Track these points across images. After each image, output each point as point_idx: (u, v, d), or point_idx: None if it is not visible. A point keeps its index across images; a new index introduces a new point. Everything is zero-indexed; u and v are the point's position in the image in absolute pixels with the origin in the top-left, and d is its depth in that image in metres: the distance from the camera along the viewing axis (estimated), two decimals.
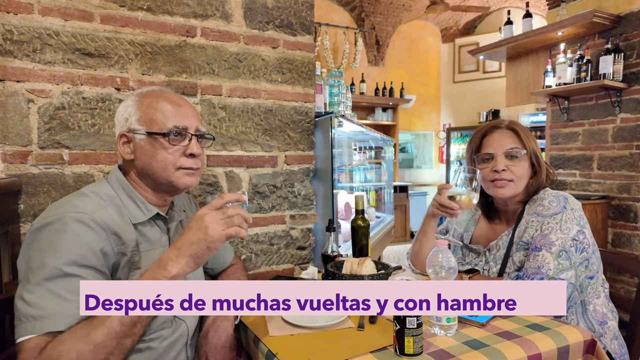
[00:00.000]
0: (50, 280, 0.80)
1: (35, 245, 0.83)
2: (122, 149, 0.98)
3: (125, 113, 0.98)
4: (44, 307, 0.78)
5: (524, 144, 1.27)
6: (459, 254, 1.41)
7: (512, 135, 1.28)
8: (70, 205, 0.87)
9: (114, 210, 0.93)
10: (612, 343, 1.19)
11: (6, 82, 1.20)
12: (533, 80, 3.53)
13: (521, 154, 1.26)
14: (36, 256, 0.82)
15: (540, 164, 1.27)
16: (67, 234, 0.83)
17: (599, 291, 1.23)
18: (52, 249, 0.81)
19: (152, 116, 0.97)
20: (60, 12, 1.25)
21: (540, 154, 1.29)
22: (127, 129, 0.97)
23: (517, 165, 1.25)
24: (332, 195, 1.69)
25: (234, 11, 1.51)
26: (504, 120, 1.33)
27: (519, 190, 1.27)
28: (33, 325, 0.77)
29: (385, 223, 3.39)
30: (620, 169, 2.96)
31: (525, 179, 1.27)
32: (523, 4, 3.93)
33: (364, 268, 1.25)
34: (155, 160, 0.96)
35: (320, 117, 1.74)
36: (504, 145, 1.27)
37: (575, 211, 1.19)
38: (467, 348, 0.88)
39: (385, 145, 4.06)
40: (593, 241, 1.20)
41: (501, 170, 1.25)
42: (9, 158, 1.21)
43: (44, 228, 0.84)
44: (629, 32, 2.85)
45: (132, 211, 0.97)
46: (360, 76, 6.03)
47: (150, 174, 0.98)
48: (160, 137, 0.96)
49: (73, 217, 0.84)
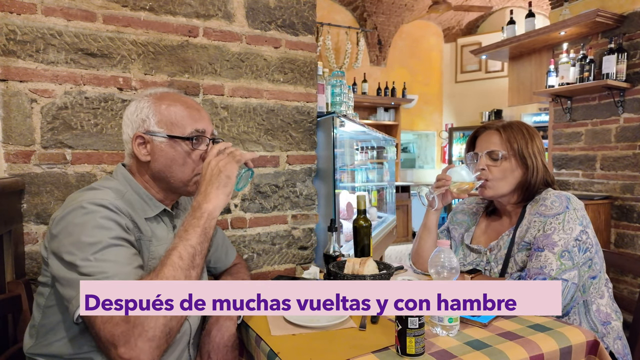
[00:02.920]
0: (98, 252, 0.81)
1: (67, 231, 0.84)
2: (138, 150, 0.98)
3: (141, 114, 0.98)
4: (105, 271, 0.80)
5: (506, 146, 1.28)
6: (460, 254, 1.41)
7: (496, 137, 1.31)
8: (87, 195, 0.89)
9: (125, 203, 0.94)
10: (616, 343, 1.18)
11: (9, 82, 1.21)
12: (536, 80, 3.52)
13: (500, 155, 1.28)
14: (71, 239, 0.83)
15: (528, 165, 1.27)
16: (95, 214, 0.85)
17: (603, 291, 1.22)
18: (85, 227, 0.83)
19: (172, 119, 0.98)
20: (63, 12, 1.26)
21: (535, 154, 1.28)
22: (145, 130, 0.98)
23: (497, 166, 1.28)
24: (334, 195, 1.69)
25: (236, 11, 1.52)
26: (497, 122, 1.36)
27: (501, 191, 1.29)
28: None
29: (387, 223, 3.39)
30: (623, 169, 2.95)
31: (509, 180, 1.28)
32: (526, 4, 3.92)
33: (365, 268, 1.25)
34: (176, 163, 0.98)
35: (322, 117, 1.74)
36: (487, 146, 1.31)
37: (577, 211, 1.18)
38: (469, 348, 0.87)
39: (387, 145, 4.05)
40: (596, 241, 1.19)
41: (480, 169, 1.29)
42: (12, 157, 1.22)
43: (69, 215, 0.85)
44: (633, 32, 2.84)
45: (141, 206, 0.98)
46: (362, 76, 6.02)
47: (168, 177, 0.99)
48: (181, 141, 0.98)
49: (94, 202, 0.86)
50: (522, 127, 1.32)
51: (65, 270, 0.82)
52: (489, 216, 1.42)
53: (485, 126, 1.36)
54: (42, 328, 0.91)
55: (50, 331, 0.90)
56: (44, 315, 0.91)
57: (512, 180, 1.28)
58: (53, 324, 0.90)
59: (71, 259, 0.81)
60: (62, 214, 0.86)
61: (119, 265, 0.82)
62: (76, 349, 0.88)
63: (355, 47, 5.69)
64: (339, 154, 1.77)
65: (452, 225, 1.50)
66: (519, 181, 1.28)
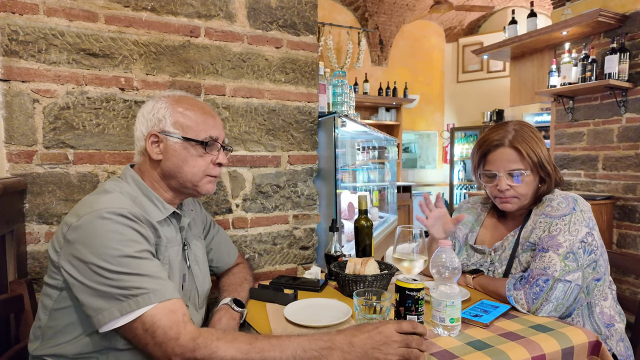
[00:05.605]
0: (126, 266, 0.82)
1: (86, 241, 0.84)
2: (151, 148, 1.00)
3: (158, 114, 1.00)
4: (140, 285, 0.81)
5: (527, 163, 1.22)
6: (463, 254, 1.40)
7: (514, 155, 1.22)
8: (104, 202, 0.89)
9: (139, 207, 0.95)
10: (619, 345, 1.18)
11: (12, 82, 1.21)
12: (537, 80, 3.51)
13: (524, 174, 1.22)
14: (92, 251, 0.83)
15: (548, 173, 1.24)
16: (116, 224, 0.85)
17: (606, 293, 1.22)
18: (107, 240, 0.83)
19: (188, 123, 1.00)
20: (65, 12, 1.26)
21: (548, 160, 1.24)
22: (160, 129, 0.99)
23: (521, 183, 1.23)
24: (335, 195, 1.69)
25: (238, 11, 1.52)
26: (507, 134, 1.25)
27: (525, 203, 1.26)
28: (142, 299, 0.81)
29: (388, 223, 3.39)
30: (625, 169, 2.94)
31: (531, 192, 1.25)
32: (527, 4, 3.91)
33: (367, 268, 1.25)
34: (187, 165, 1.00)
35: (323, 117, 1.74)
36: (506, 165, 1.23)
37: (584, 213, 1.17)
38: (470, 349, 0.87)
39: (389, 145, 4.05)
40: (601, 243, 1.18)
41: (504, 189, 1.24)
42: (15, 158, 1.22)
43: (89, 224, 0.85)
44: (635, 32, 2.83)
45: (151, 209, 0.98)
46: (363, 76, 6.02)
47: (178, 177, 1.01)
48: (195, 144, 1.00)
49: (113, 211, 0.86)
50: (529, 132, 1.24)
51: (92, 281, 0.82)
52: (494, 217, 1.41)
53: (496, 144, 1.25)
54: (50, 330, 0.91)
55: (58, 333, 0.90)
56: (52, 318, 0.91)
57: (533, 191, 1.25)
58: (61, 326, 0.90)
59: (101, 271, 0.81)
60: (80, 221, 0.85)
61: (153, 280, 0.83)
62: (83, 349, 0.89)
63: (356, 47, 5.68)
64: (340, 154, 1.77)
65: (457, 226, 1.48)
66: (536, 189, 1.26)
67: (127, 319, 0.80)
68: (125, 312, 0.80)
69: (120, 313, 0.80)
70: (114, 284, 0.81)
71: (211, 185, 1.06)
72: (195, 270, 1.11)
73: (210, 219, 1.31)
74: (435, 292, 0.97)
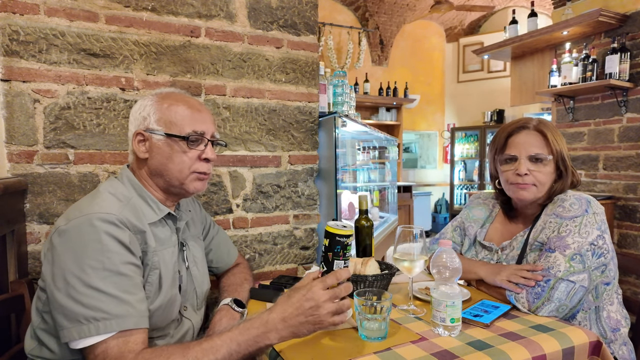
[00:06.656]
0: (100, 281, 0.81)
1: (68, 247, 0.83)
2: (137, 147, 0.99)
3: (143, 112, 0.99)
4: (104, 309, 0.80)
5: (551, 148, 1.19)
6: (472, 251, 1.39)
7: (539, 138, 1.20)
8: (94, 206, 0.88)
9: (131, 210, 0.93)
10: (621, 349, 1.17)
11: (12, 82, 1.21)
12: (538, 79, 3.51)
13: (547, 159, 1.19)
14: (73, 258, 0.82)
15: (567, 168, 1.21)
16: (101, 234, 0.84)
17: (613, 297, 1.20)
18: (89, 249, 0.82)
19: (171, 118, 0.98)
20: (66, 12, 1.26)
21: (568, 156, 1.22)
22: (145, 127, 0.98)
23: (541, 170, 1.19)
24: (336, 195, 1.69)
25: (238, 11, 1.52)
26: (532, 120, 1.24)
27: (541, 194, 1.22)
28: (103, 325, 0.79)
29: (389, 223, 3.39)
30: (626, 169, 2.94)
31: (549, 184, 1.21)
32: (528, 3, 3.91)
33: (367, 268, 1.25)
34: (171, 161, 0.98)
35: (324, 117, 1.74)
36: (529, 149, 1.20)
37: (597, 215, 1.14)
38: (471, 349, 0.87)
39: (389, 145, 4.05)
40: (612, 247, 1.16)
41: (523, 174, 1.19)
42: (15, 158, 1.22)
43: (74, 230, 0.84)
44: (636, 31, 2.83)
45: (145, 211, 0.97)
46: (364, 76, 6.02)
47: (164, 175, 0.99)
48: (178, 140, 0.98)
49: (101, 217, 0.85)
50: (553, 125, 1.23)
51: (62, 292, 0.81)
52: (505, 214, 1.37)
53: (522, 125, 1.23)
54: (42, 332, 0.91)
55: (49, 335, 0.90)
56: (42, 320, 0.91)
57: (549, 184, 1.22)
58: (51, 329, 0.89)
59: (74, 281, 0.80)
60: (67, 225, 0.85)
61: (120, 304, 0.82)
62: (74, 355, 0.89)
63: (357, 47, 5.68)
64: (340, 154, 1.77)
65: (468, 222, 1.44)
66: (552, 184, 1.22)
67: (84, 343, 0.80)
68: (83, 336, 0.79)
69: (79, 336, 0.79)
70: (82, 299, 0.80)
71: (199, 183, 1.02)
72: (193, 270, 1.10)
73: (210, 220, 1.31)
74: (436, 292, 0.97)
